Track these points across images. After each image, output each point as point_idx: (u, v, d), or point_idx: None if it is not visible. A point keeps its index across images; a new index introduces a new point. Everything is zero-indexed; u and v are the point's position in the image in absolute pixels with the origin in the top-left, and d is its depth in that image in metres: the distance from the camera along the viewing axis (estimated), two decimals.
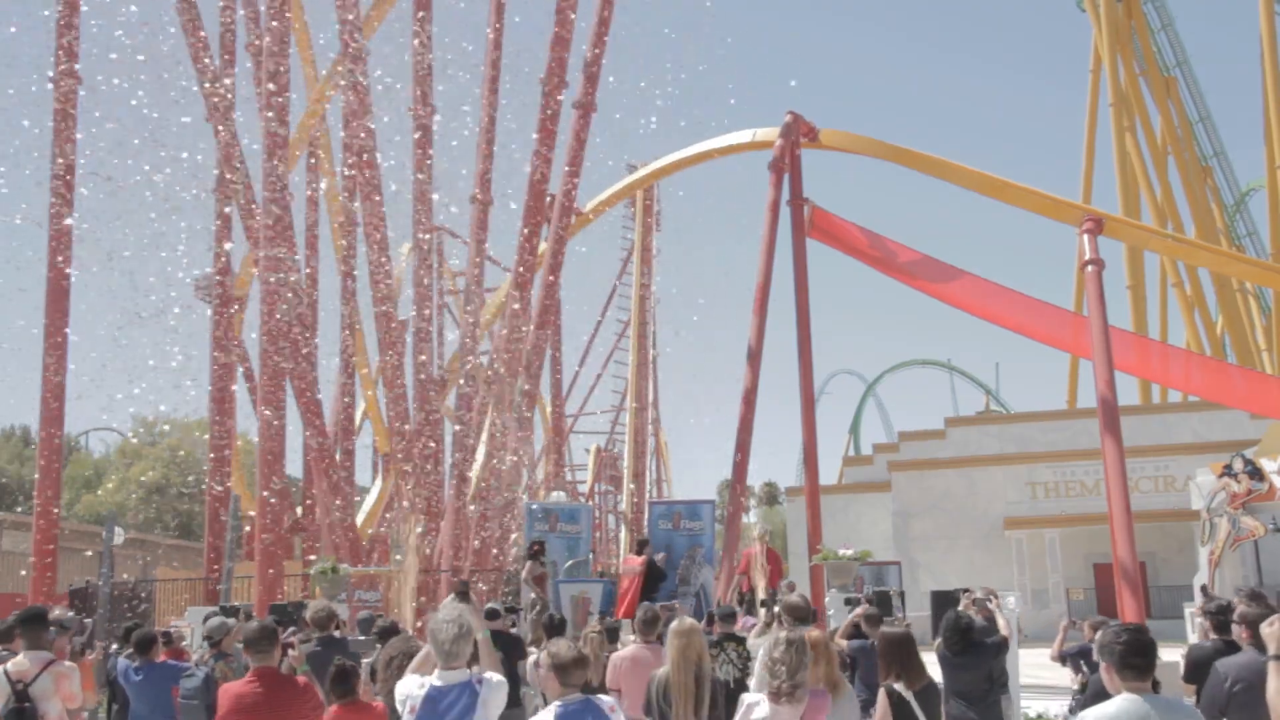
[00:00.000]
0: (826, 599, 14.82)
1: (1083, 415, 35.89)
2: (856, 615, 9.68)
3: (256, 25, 20.64)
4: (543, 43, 22.23)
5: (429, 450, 20.91)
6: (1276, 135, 40.98)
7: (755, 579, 16.60)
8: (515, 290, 22.04)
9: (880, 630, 6.85)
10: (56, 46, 20.97)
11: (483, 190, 22.08)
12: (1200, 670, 6.44)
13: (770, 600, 13.46)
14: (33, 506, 21.08)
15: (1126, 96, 44.31)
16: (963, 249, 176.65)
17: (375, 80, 21.75)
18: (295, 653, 6.64)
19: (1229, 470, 26.64)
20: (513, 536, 21.22)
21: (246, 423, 27.18)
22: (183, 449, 52.70)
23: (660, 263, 41.73)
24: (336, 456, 22.13)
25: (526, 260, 22.24)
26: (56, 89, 20.87)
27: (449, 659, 4.97)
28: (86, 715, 10.26)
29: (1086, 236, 19.30)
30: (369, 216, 21.12)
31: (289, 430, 20.48)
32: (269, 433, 19.28)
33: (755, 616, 13.37)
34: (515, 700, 8.68)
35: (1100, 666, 4.24)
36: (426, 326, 22.50)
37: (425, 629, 5.64)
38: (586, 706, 4.99)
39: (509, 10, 22.56)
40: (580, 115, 22.54)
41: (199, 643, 11.17)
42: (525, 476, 24.22)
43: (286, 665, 6.24)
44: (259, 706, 5.79)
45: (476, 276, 22.78)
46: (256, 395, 22.26)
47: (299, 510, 24.91)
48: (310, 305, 21.38)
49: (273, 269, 19.15)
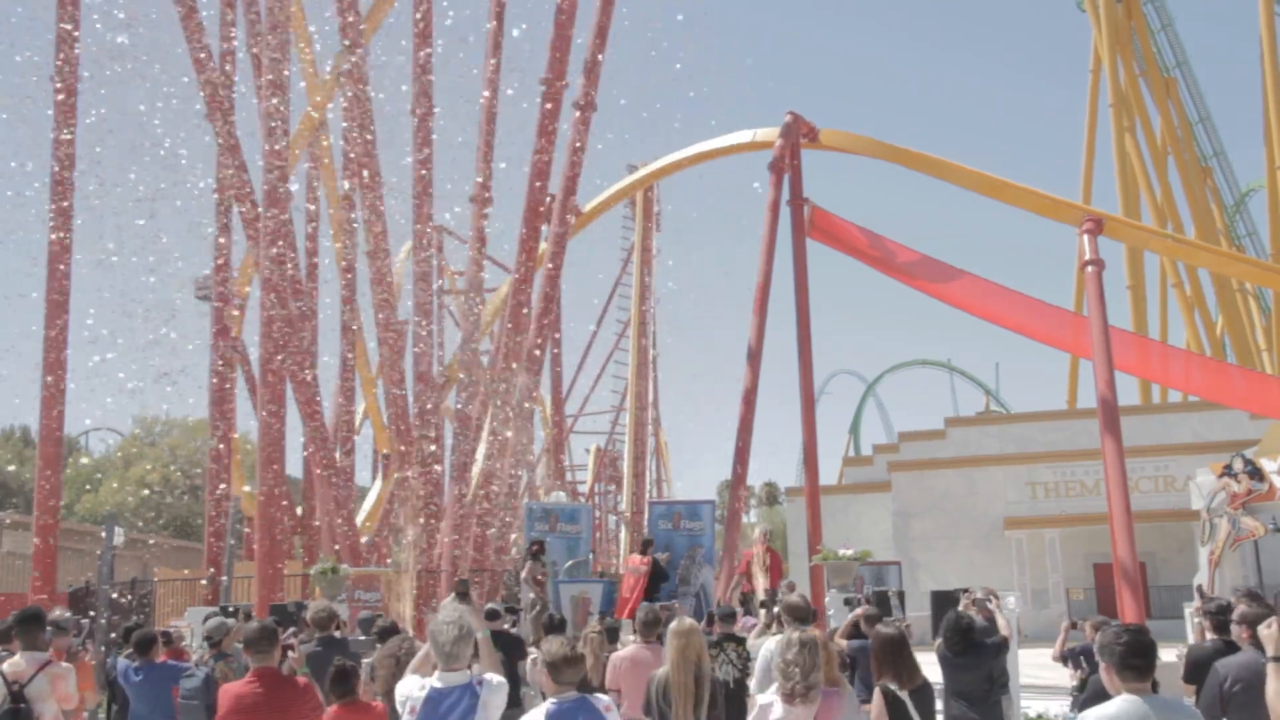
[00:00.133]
0: (826, 599, 14.82)
1: (1083, 415, 35.89)
2: (856, 615, 9.68)
3: (257, 24, 20.62)
4: (543, 42, 22.26)
5: (429, 451, 20.90)
6: (1276, 136, 40.98)
7: (756, 579, 16.62)
8: (515, 290, 22.04)
9: (874, 630, 6.85)
10: (56, 47, 20.95)
11: (483, 190, 22.07)
12: (1200, 670, 6.44)
13: (770, 601, 13.45)
14: (32, 506, 21.07)
15: (1126, 97, 44.30)
16: (963, 249, 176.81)
17: (375, 80, 21.77)
18: (295, 654, 6.63)
19: (1229, 470, 26.61)
20: (512, 537, 21.22)
21: (246, 423, 27.19)
22: (183, 449, 52.70)
23: (660, 263, 41.78)
24: (336, 457, 22.12)
25: (526, 260, 22.24)
26: (56, 88, 20.86)
27: (449, 660, 4.96)
28: (87, 715, 10.27)
29: (1086, 237, 19.30)
30: (369, 216, 21.12)
31: (289, 430, 20.51)
32: (269, 433, 19.28)
33: (756, 617, 13.38)
34: (515, 700, 8.67)
35: (1100, 667, 4.25)
36: (426, 326, 22.47)
37: (425, 630, 5.63)
38: (581, 705, 4.97)
39: (509, 10, 22.57)
40: (580, 115, 22.54)
41: (199, 643, 11.17)
42: (525, 476, 24.21)
43: (287, 668, 6.24)
44: (259, 707, 5.79)
45: (476, 276, 22.77)
46: (256, 395, 22.26)
47: (299, 510, 24.91)
48: (310, 305, 21.36)
49: (272, 269, 19.15)
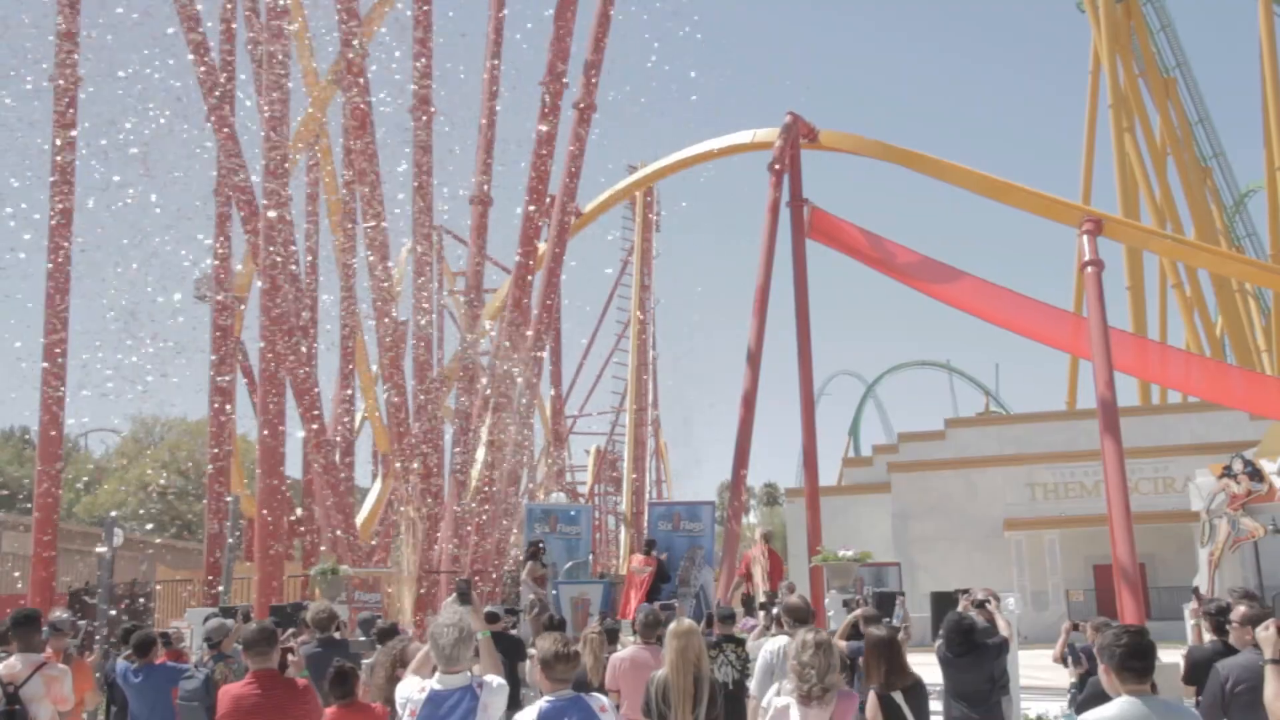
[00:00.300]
0: (826, 600, 14.82)
1: (1082, 416, 35.91)
2: (855, 616, 9.68)
3: (256, 22, 20.61)
4: (542, 43, 22.25)
5: (428, 452, 20.89)
6: (1276, 136, 41.02)
7: (755, 580, 16.61)
8: (515, 291, 22.03)
9: (865, 632, 6.86)
10: (56, 46, 20.94)
11: (482, 191, 22.06)
12: (1200, 672, 6.44)
13: (769, 602, 13.45)
14: (32, 507, 21.06)
15: (1126, 97, 44.33)
16: (962, 250, 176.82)
17: (374, 80, 21.75)
18: (295, 658, 6.62)
19: (1228, 471, 26.63)
20: (512, 538, 21.21)
21: (246, 423, 27.20)
22: (182, 449, 52.70)
23: (660, 264, 41.75)
24: (336, 457, 22.11)
25: (526, 261, 22.23)
26: (56, 88, 20.84)
27: (449, 662, 4.96)
28: (86, 717, 10.26)
29: (1086, 237, 19.30)
30: (369, 216, 21.11)
31: (288, 431, 20.49)
32: (268, 433, 19.28)
33: (756, 618, 13.37)
34: (515, 702, 8.67)
35: (1099, 668, 4.25)
36: (427, 327, 22.46)
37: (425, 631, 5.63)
38: (574, 704, 4.97)
39: (509, 11, 22.55)
40: (580, 116, 22.53)
41: (198, 644, 11.17)
42: (525, 477, 24.20)
43: (291, 672, 6.24)
44: (258, 709, 5.79)
45: (476, 277, 22.76)
46: (256, 395, 22.25)
47: (298, 511, 24.90)
48: (310, 305, 21.35)
49: (271, 269, 19.14)
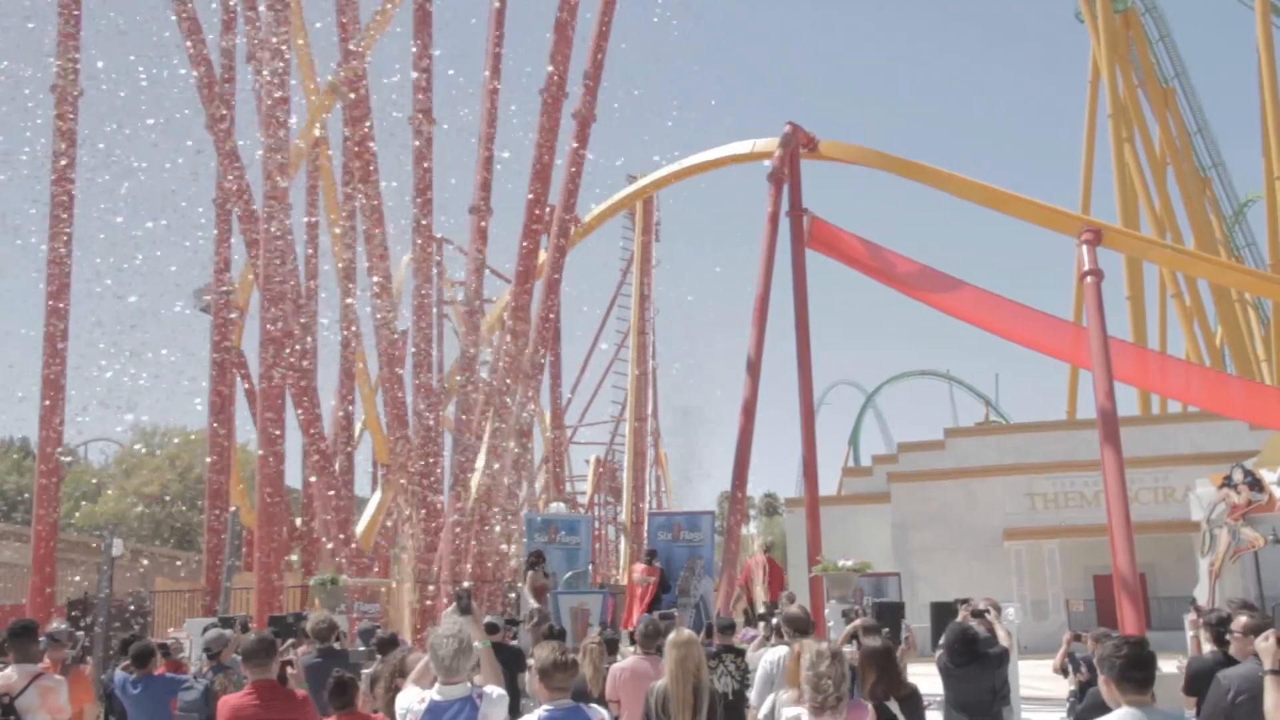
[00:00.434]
0: (826, 610, 14.81)
1: (1082, 426, 35.87)
2: (855, 626, 9.66)
3: (257, 35, 20.65)
4: (542, 53, 22.31)
5: (428, 461, 20.87)
6: (1275, 146, 41.07)
7: (755, 591, 16.60)
8: (514, 301, 22.04)
9: (862, 642, 6.86)
10: (56, 55, 20.96)
11: (482, 200, 22.08)
12: (1200, 682, 6.42)
13: (769, 613, 13.43)
14: (32, 517, 21.04)
15: (1125, 107, 44.41)
16: (962, 260, 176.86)
17: (375, 90, 21.79)
18: (294, 671, 6.62)
19: (1229, 481, 26.56)
20: (511, 549, 21.18)
21: (246, 433, 27.17)
22: (182, 459, 52.63)
23: (660, 273, 41.78)
24: (336, 467, 22.09)
25: (526, 271, 22.25)
26: (56, 96, 20.86)
27: (449, 673, 4.96)
28: None
29: (1085, 247, 19.32)
30: (369, 226, 21.13)
31: (288, 441, 20.49)
32: (268, 443, 19.27)
33: (756, 628, 13.35)
34: (515, 712, 8.66)
35: (1099, 679, 4.24)
36: (426, 337, 22.46)
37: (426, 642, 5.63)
38: (573, 713, 4.97)
39: (508, 21, 22.60)
40: (579, 125, 22.57)
41: (197, 654, 11.15)
42: (525, 486, 24.19)
43: (289, 684, 6.24)
44: (257, 719, 5.78)
45: (476, 287, 22.78)
46: (256, 406, 22.24)
47: (298, 521, 24.87)
48: (310, 315, 21.35)
49: (271, 280, 19.16)
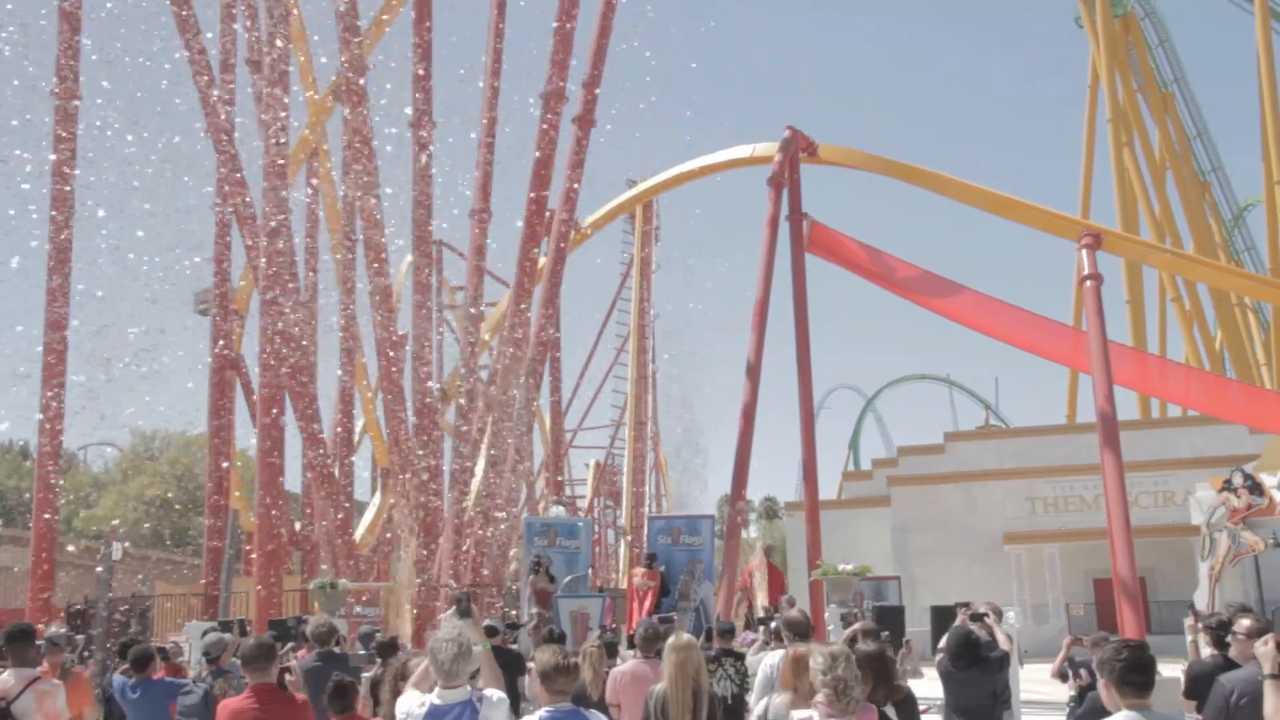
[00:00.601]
0: (826, 614, 14.79)
1: (1082, 430, 35.86)
2: (854, 630, 9.66)
3: (257, 40, 20.68)
4: (542, 58, 22.34)
5: (427, 465, 20.87)
6: (1274, 150, 41.11)
7: (755, 595, 16.61)
8: (514, 305, 22.05)
9: (855, 648, 6.86)
10: (57, 60, 20.97)
11: (482, 205, 22.10)
12: (1200, 686, 6.42)
13: (769, 616, 13.43)
14: (30, 521, 21.03)
15: (1125, 112, 44.45)
16: (962, 264, 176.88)
17: (375, 95, 21.82)
18: (292, 678, 6.61)
19: (1228, 485, 26.58)
20: (511, 552, 21.18)
21: (246, 438, 27.17)
22: (182, 463, 52.61)
23: (660, 277, 41.79)
24: (336, 471, 22.09)
25: (526, 275, 22.26)
26: (56, 101, 20.87)
27: (448, 677, 4.95)
28: None
29: (1085, 251, 19.32)
30: (369, 231, 21.14)
31: (288, 445, 20.49)
32: (267, 447, 19.27)
33: (756, 632, 13.35)
34: (515, 715, 8.66)
35: (1099, 683, 4.23)
36: (426, 341, 22.47)
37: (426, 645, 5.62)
38: (572, 717, 4.97)
39: (508, 26, 22.64)
40: (579, 130, 22.60)
41: (196, 658, 11.14)
42: (524, 491, 24.18)
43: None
44: None
45: (476, 291, 22.79)
46: (256, 410, 22.25)
47: (298, 525, 24.87)
48: (309, 318, 21.36)
49: (272, 283, 19.17)
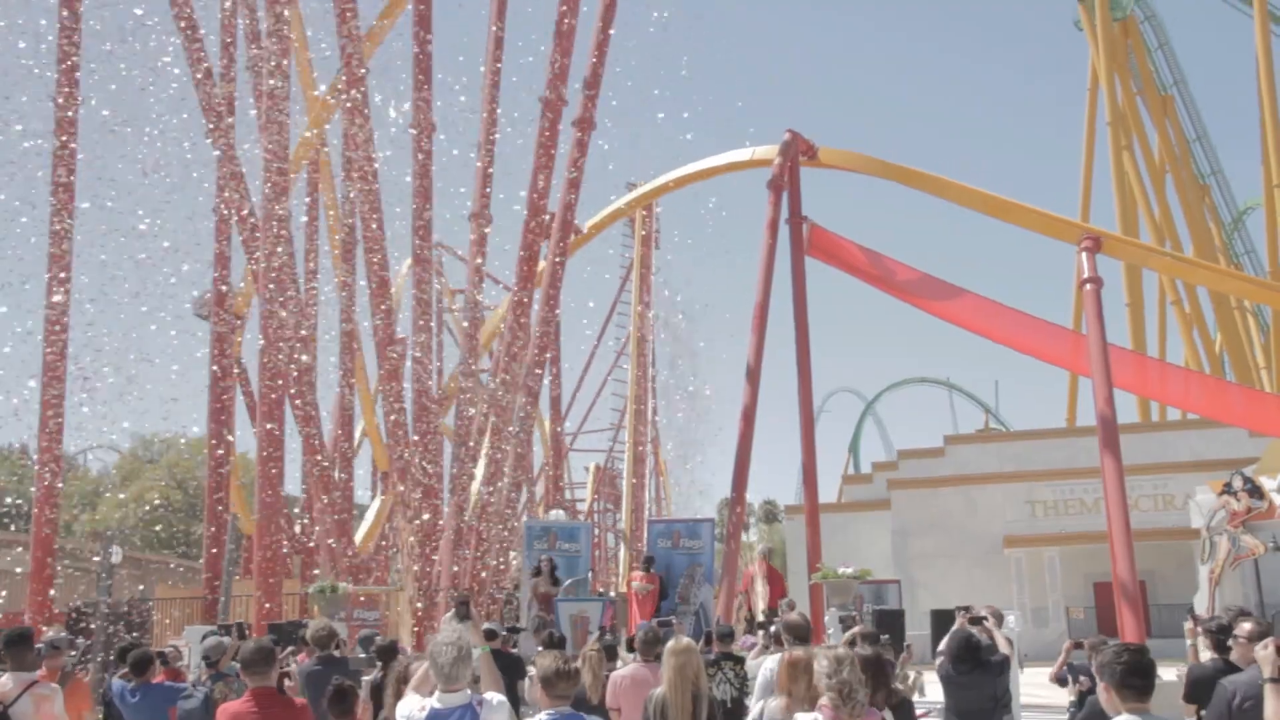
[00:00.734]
0: (825, 617, 14.79)
1: (1082, 433, 35.87)
2: (853, 634, 9.66)
3: (257, 43, 20.68)
4: (542, 61, 22.34)
5: (427, 469, 20.86)
6: (1274, 153, 41.14)
7: (754, 599, 16.59)
8: (514, 308, 22.05)
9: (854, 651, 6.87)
10: (57, 65, 20.96)
11: (482, 208, 22.10)
12: (1201, 689, 6.42)
13: (769, 620, 13.41)
14: (30, 525, 21.02)
15: (1124, 115, 44.49)
16: (962, 267, 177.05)
17: (374, 97, 21.83)
18: (291, 684, 6.60)
19: (1228, 488, 26.57)
20: (511, 555, 21.17)
21: (245, 441, 27.15)
22: (181, 467, 52.60)
23: (659, 280, 41.75)
24: (336, 475, 22.08)
25: (525, 278, 22.26)
26: (57, 106, 20.87)
27: (449, 681, 4.96)
28: None
29: (1085, 254, 19.32)
30: (368, 234, 21.14)
31: (287, 448, 20.47)
32: (267, 451, 19.26)
33: (756, 635, 13.35)
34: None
35: (1099, 686, 4.23)
36: (426, 344, 22.46)
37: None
38: None
39: (508, 28, 22.65)
40: (579, 133, 22.60)
41: (196, 662, 11.13)
42: (524, 495, 24.18)
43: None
44: None
45: (476, 294, 22.79)
46: (255, 413, 22.24)
47: (297, 529, 24.85)
48: (309, 323, 21.35)
49: (271, 286, 19.17)
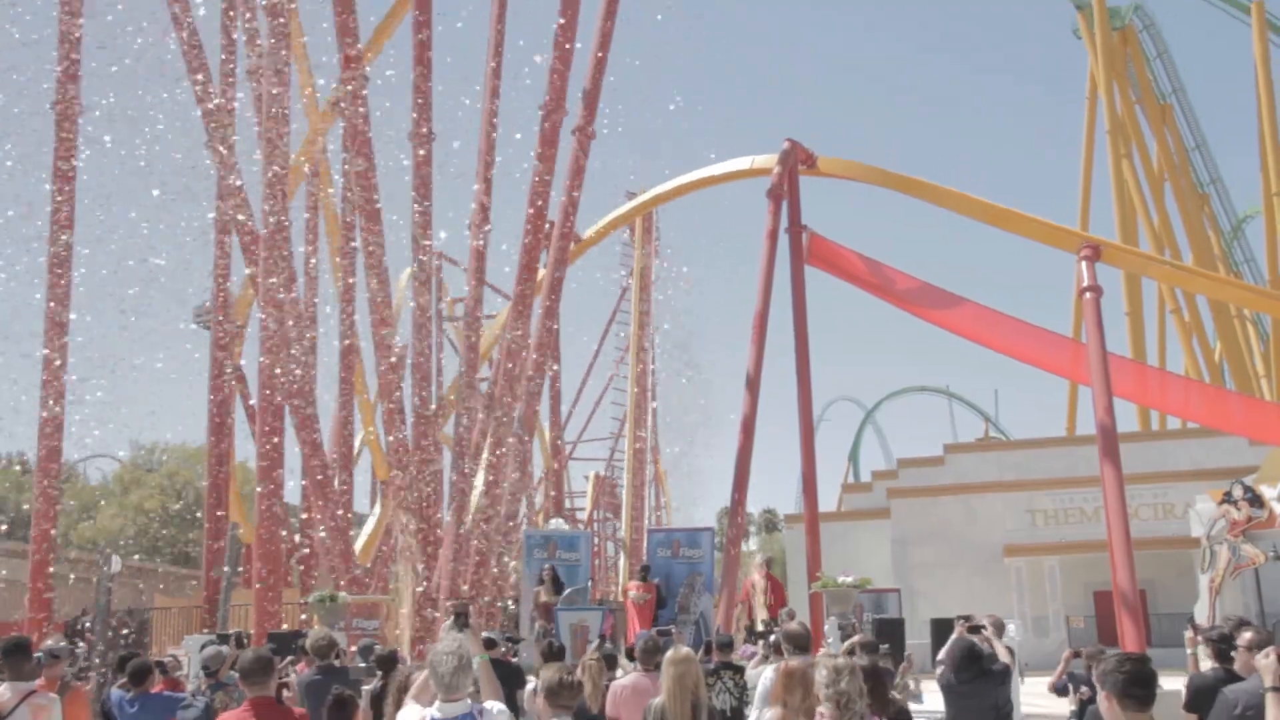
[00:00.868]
0: (825, 626, 14.76)
1: (1082, 442, 35.82)
2: (853, 643, 9.65)
3: (256, 50, 20.71)
4: (542, 69, 22.37)
5: (426, 478, 20.84)
6: (1273, 162, 41.21)
7: (755, 608, 16.58)
8: (514, 317, 22.04)
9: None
10: (57, 70, 20.99)
11: (481, 216, 22.11)
12: (1202, 699, 6.41)
13: (768, 630, 13.40)
14: (29, 535, 20.99)
15: (1123, 124, 44.53)
16: (961, 276, 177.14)
17: (374, 106, 21.85)
18: (290, 694, 6.60)
19: (1229, 497, 26.56)
20: (510, 565, 21.14)
21: (245, 450, 27.13)
22: (181, 476, 52.54)
23: (659, 289, 41.76)
24: (335, 484, 22.05)
25: (525, 287, 22.25)
26: (57, 113, 20.89)
27: (449, 690, 4.95)
28: None
29: (1084, 263, 19.34)
30: (368, 242, 21.15)
31: (287, 457, 20.45)
32: (267, 460, 19.24)
33: (756, 645, 13.32)
34: None
35: (1099, 696, 4.22)
36: (426, 353, 22.45)
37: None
38: None
39: (509, 37, 22.67)
40: (579, 141, 22.62)
41: (195, 671, 11.12)
42: (523, 504, 24.15)
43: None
44: None
45: (475, 303, 22.78)
46: (255, 422, 22.22)
47: (297, 538, 24.82)
48: (309, 332, 21.35)
49: (271, 297, 19.17)
